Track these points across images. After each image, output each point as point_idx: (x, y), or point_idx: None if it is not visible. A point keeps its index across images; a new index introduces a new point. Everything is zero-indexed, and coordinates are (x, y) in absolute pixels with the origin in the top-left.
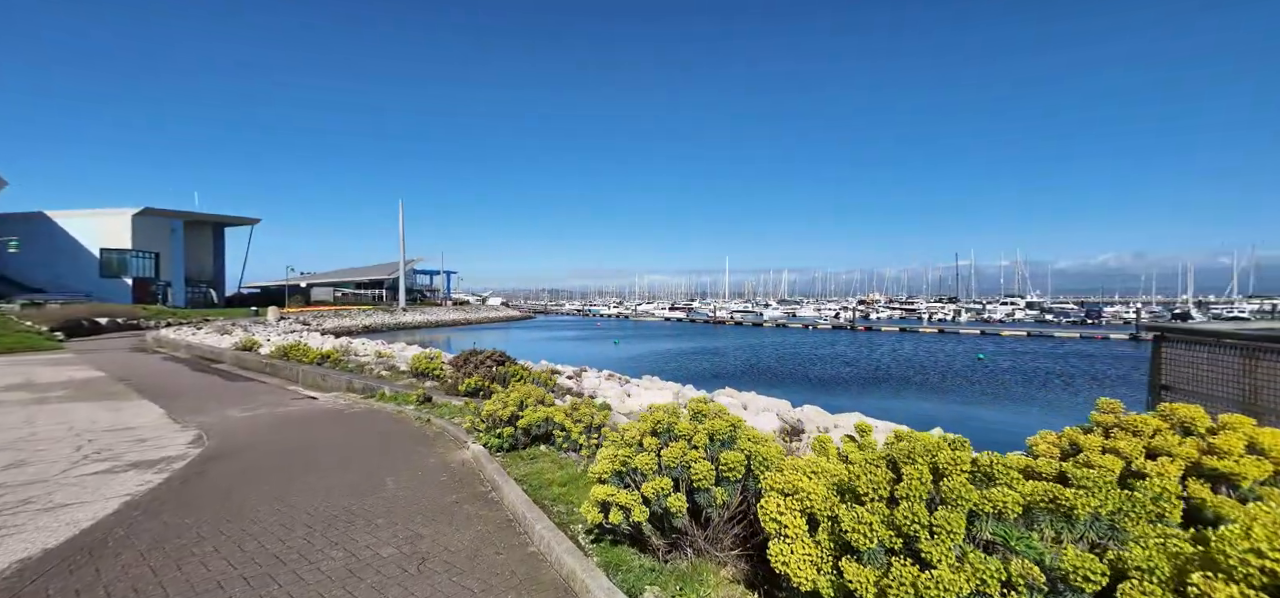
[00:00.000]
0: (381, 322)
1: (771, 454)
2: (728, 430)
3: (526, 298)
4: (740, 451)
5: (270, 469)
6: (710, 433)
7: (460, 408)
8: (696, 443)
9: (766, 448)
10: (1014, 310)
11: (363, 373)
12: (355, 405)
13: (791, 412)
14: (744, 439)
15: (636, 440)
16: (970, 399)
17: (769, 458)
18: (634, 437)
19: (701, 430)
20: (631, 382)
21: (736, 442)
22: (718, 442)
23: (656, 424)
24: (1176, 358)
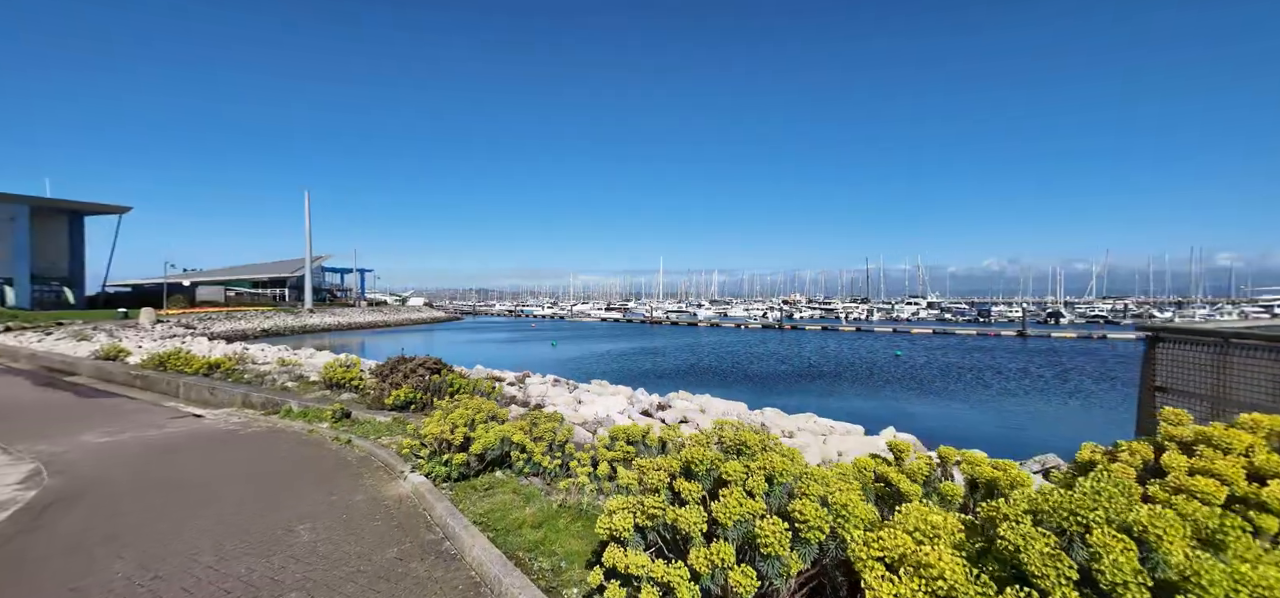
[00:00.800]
0: (284, 325)
1: (856, 506)
2: (788, 468)
3: (452, 298)
4: (814, 499)
5: (135, 517)
6: (769, 475)
7: (388, 425)
8: (752, 489)
9: (848, 496)
10: (918, 310)
11: (263, 384)
12: (253, 424)
13: (752, 415)
14: (812, 481)
15: (664, 483)
16: (909, 396)
17: (853, 510)
18: (658, 480)
19: (757, 472)
20: (581, 387)
21: (808, 489)
22: (779, 487)
23: (691, 464)
24: (1173, 359)
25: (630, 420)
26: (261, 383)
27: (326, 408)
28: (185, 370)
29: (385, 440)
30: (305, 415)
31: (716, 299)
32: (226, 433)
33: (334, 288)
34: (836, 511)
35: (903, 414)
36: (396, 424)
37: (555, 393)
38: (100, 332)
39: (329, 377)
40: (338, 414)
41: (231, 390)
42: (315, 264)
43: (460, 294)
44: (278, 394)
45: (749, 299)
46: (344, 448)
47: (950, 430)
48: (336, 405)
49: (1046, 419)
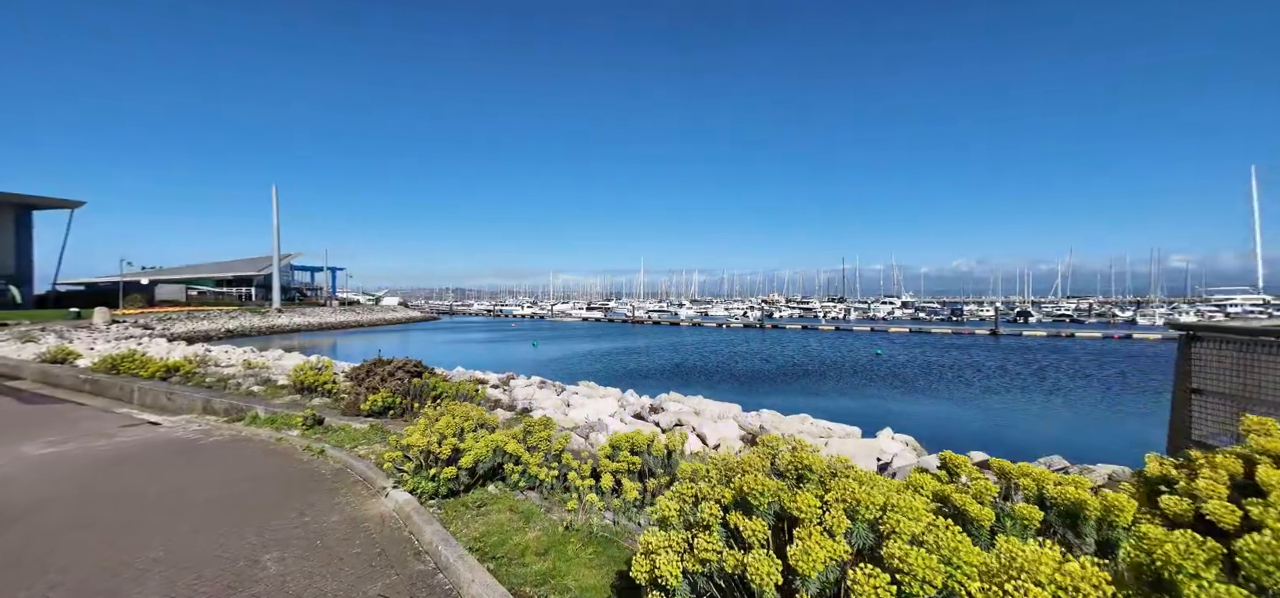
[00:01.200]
0: (250, 325)
1: (965, 550)
2: (871, 499)
3: (428, 298)
4: (904, 537)
5: (74, 546)
6: (850, 509)
7: (365, 433)
8: (832, 528)
9: (952, 539)
10: (893, 309)
11: (226, 389)
12: (215, 432)
13: (749, 418)
14: (902, 516)
15: (716, 518)
16: (895, 395)
17: (964, 555)
18: (710, 514)
19: (835, 506)
20: (568, 390)
21: (897, 525)
22: (862, 523)
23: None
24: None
25: (623, 424)
26: (225, 387)
27: (296, 414)
28: (140, 374)
29: (362, 450)
30: (273, 422)
31: (697, 299)
32: (184, 443)
33: (303, 287)
34: (941, 555)
35: (892, 414)
36: (374, 432)
37: (542, 396)
38: (49, 333)
39: (299, 380)
40: (309, 421)
41: (191, 395)
42: (284, 262)
43: (437, 294)
44: (242, 399)
45: (729, 299)
46: (316, 459)
47: (944, 431)
48: (308, 411)
49: (1034, 417)
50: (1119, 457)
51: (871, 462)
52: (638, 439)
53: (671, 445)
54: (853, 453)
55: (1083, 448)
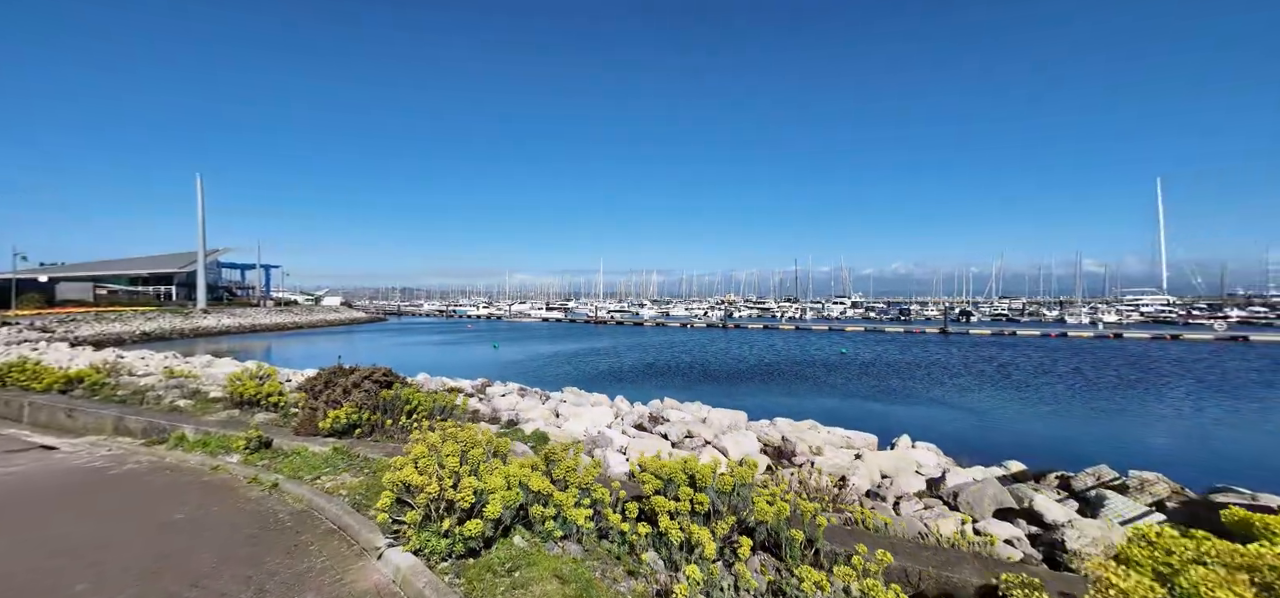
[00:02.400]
0: (171, 327)
1: None
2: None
3: (373, 297)
4: None
5: None
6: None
7: (328, 459)
8: None
9: None
10: (845, 310)
11: (144, 403)
12: (130, 458)
13: (764, 428)
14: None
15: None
16: (880, 396)
17: None
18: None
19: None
20: (554, 397)
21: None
22: None
23: None
24: None
25: (625, 436)
26: (142, 401)
27: (236, 435)
28: (33, 386)
29: (327, 482)
30: (206, 445)
31: (657, 299)
32: (89, 474)
33: (233, 286)
34: None
35: (891, 416)
36: (339, 457)
37: (527, 405)
38: None
39: (236, 392)
40: (253, 444)
41: (99, 412)
42: (210, 258)
43: (382, 294)
44: (165, 415)
45: (687, 299)
46: (268, 496)
47: (954, 434)
48: (251, 431)
49: (1019, 418)
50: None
51: (915, 478)
52: (698, 470)
53: (743, 478)
54: (892, 467)
55: (1130, 454)
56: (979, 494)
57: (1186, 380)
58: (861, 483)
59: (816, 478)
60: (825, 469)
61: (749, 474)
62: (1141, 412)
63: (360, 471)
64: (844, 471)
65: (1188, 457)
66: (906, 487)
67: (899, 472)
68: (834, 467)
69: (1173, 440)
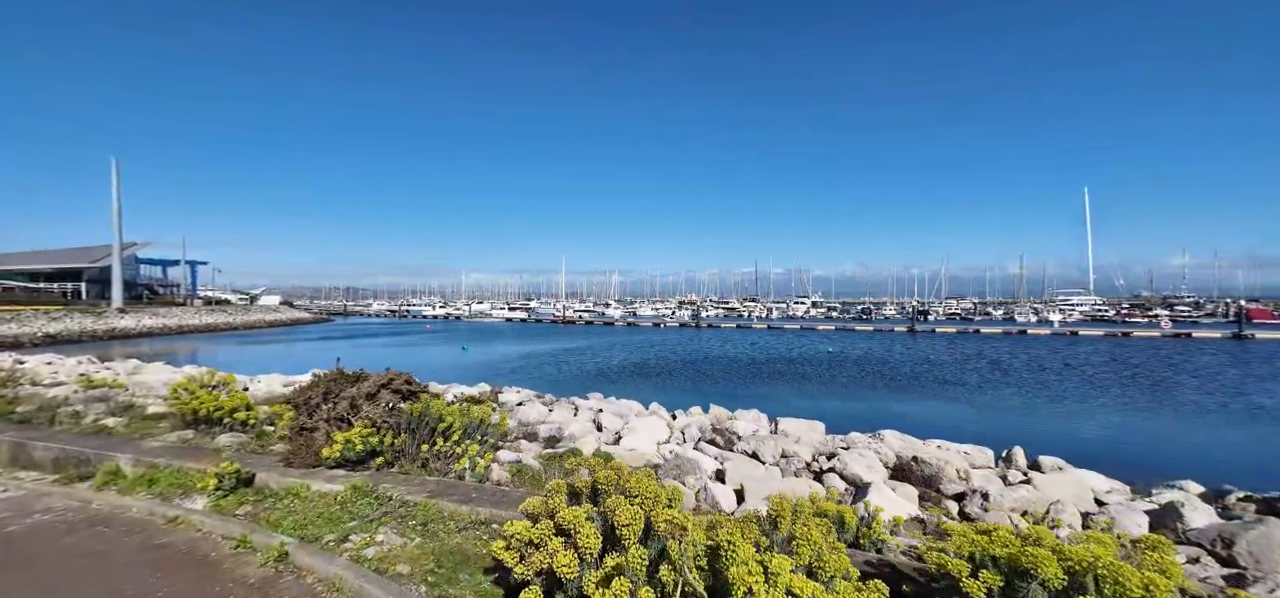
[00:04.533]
0: (81, 328)
1: None
2: None
3: (314, 297)
4: None
5: None
6: None
7: (345, 504)
8: None
9: None
10: (808, 309)
11: (56, 423)
12: (38, 504)
13: (877, 444)
14: None
15: None
16: (902, 396)
17: None
18: None
19: None
20: (585, 406)
21: None
22: None
23: None
24: None
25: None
26: (52, 418)
27: (197, 467)
28: None
29: (364, 546)
30: (154, 483)
31: (622, 299)
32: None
33: (154, 282)
34: None
35: (935, 420)
36: (361, 499)
37: (560, 417)
38: None
39: (186, 406)
40: (227, 481)
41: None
42: (127, 252)
43: (324, 294)
44: (88, 439)
45: (650, 299)
46: (277, 576)
47: (1044, 442)
48: (224, 464)
49: (1085, 423)
50: None
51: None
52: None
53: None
54: (1070, 495)
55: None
56: (1265, 543)
57: (1200, 378)
58: (1074, 522)
59: (1002, 516)
60: (1006, 505)
61: (1107, 553)
62: (1222, 413)
63: (405, 523)
64: (1029, 505)
65: None
66: (1126, 523)
67: (1079, 502)
68: (1019, 501)
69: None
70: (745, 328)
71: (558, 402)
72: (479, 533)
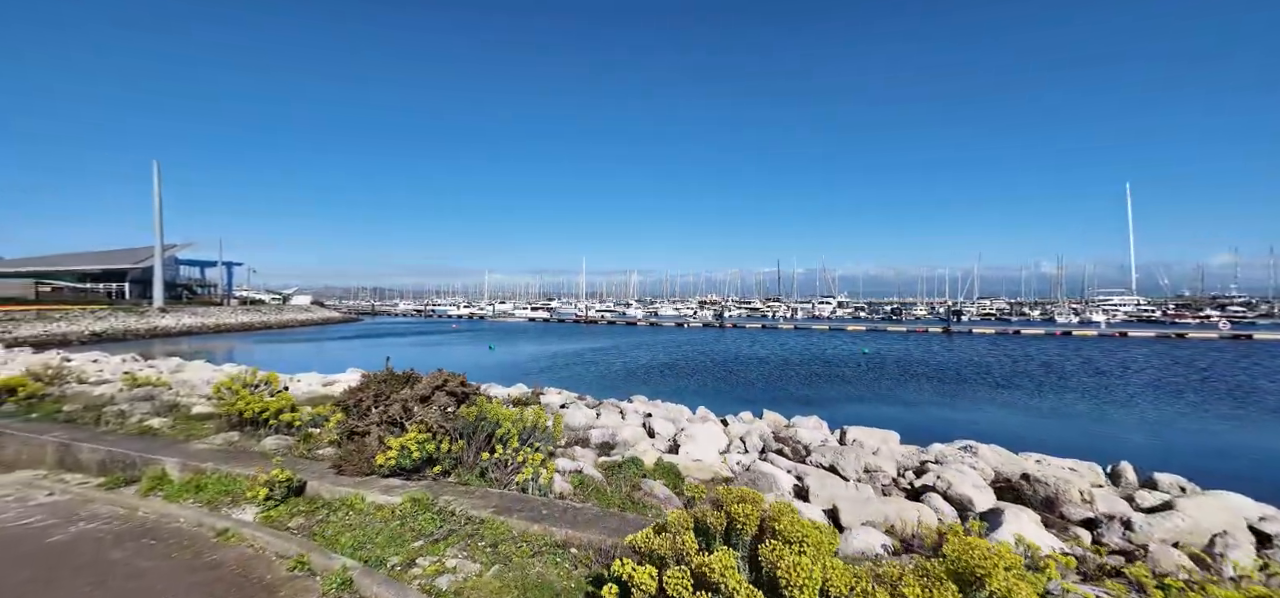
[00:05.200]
0: (124, 327)
1: None
2: None
3: (343, 297)
4: None
5: None
6: None
7: (405, 518)
8: None
9: None
10: (833, 309)
11: (102, 422)
12: (82, 512)
13: (975, 459)
14: None
15: None
16: (967, 401)
17: None
18: None
19: None
20: (631, 408)
21: None
22: None
23: None
24: None
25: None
26: (99, 418)
27: (245, 473)
28: None
29: (435, 571)
30: (201, 490)
31: (642, 299)
32: (13, 541)
33: (193, 283)
34: None
35: (1001, 426)
36: (422, 513)
37: (610, 422)
38: None
39: (232, 408)
40: (278, 489)
41: (35, 436)
42: (168, 253)
43: (352, 294)
44: (134, 441)
45: (669, 299)
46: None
47: (1142, 455)
48: (276, 472)
49: (1125, 424)
50: None
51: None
52: None
53: None
54: (1222, 523)
55: None
56: None
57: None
58: (1240, 557)
59: (1155, 550)
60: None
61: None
62: None
63: (473, 544)
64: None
65: None
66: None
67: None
68: (1170, 532)
69: None
70: (771, 328)
71: (602, 404)
72: (558, 559)
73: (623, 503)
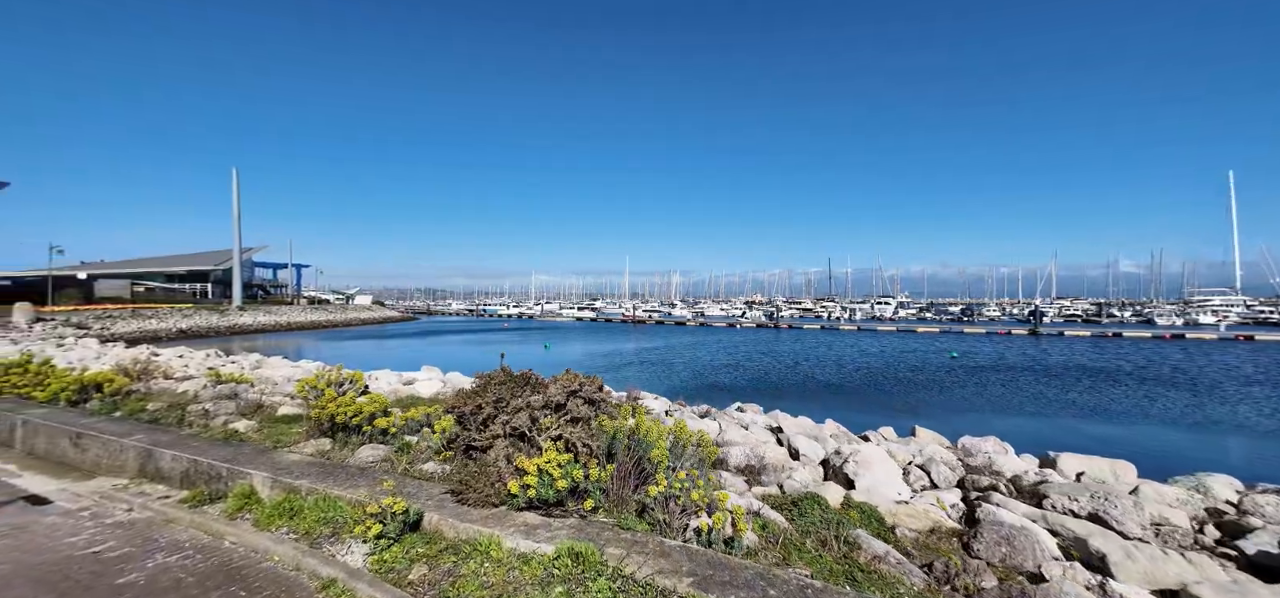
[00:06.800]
0: (207, 325)
1: None
2: None
3: (399, 298)
4: None
5: None
6: None
7: (564, 575)
8: None
9: None
10: (895, 310)
11: (185, 423)
12: (164, 537)
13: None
14: None
15: None
16: (1104, 415)
17: None
18: None
19: None
20: (749, 418)
21: None
22: None
23: None
24: None
25: (1023, 526)
26: (182, 419)
27: (347, 495)
28: (34, 396)
29: None
30: (295, 516)
31: (685, 299)
32: (85, 576)
33: (266, 284)
34: None
35: (1184, 449)
36: (583, 571)
37: (737, 437)
38: None
39: (323, 413)
40: (392, 523)
41: (118, 439)
42: (245, 256)
43: (406, 294)
44: (219, 448)
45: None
46: None
47: None
48: (390, 500)
49: None
50: None
51: None
52: None
53: None
54: None
55: None
56: None
57: None
58: None
59: None
60: None
61: None
62: None
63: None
64: None
65: None
66: None
67: None
68: None
69: None
70: (831, 330)
71: (720, 415)
72: None
73: (843, 568)
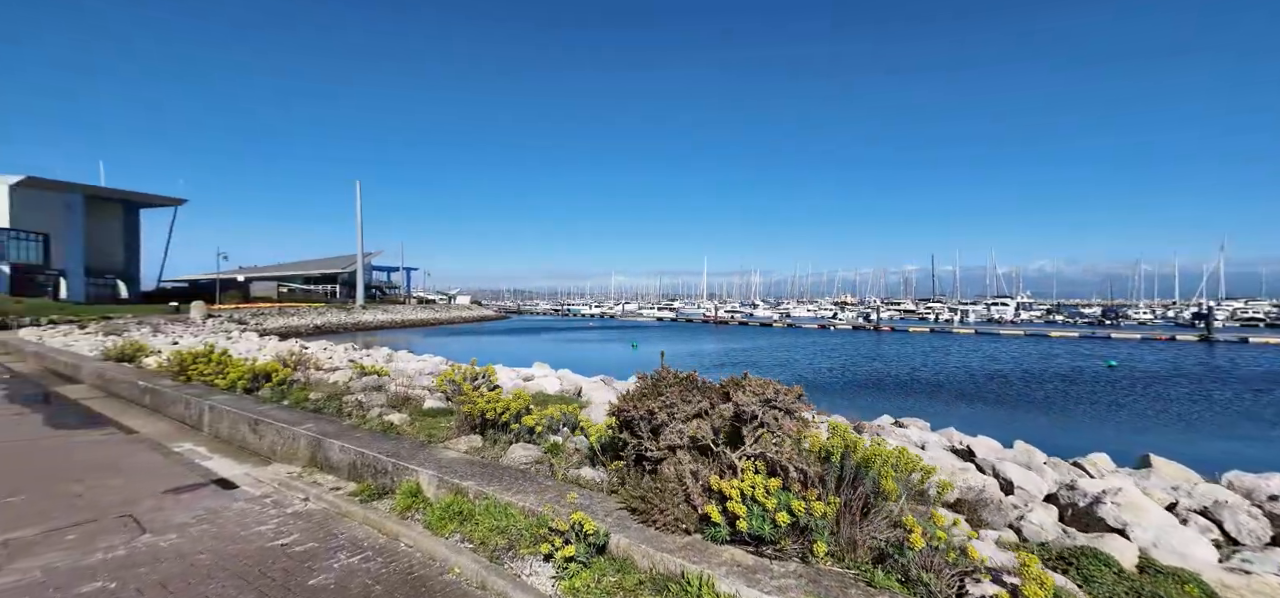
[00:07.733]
0: (337, 321)
1: None
2: None
3: (491, 297)
4: None
5: None
6: None
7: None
8: None
9: None
10: (1015, 311)
11: (342, 413)
12: (343, 534)
13: None
14: None
15: None
16: None
17: None
18: None
19: None
20: (952, 445)
21: None
22: None
23: None
24: None
25: None
26: (339, 408)
27: (520, 505)
28: (216, 383)
29: None
30: (467, 522)
31: (767, 299)
32: (277, 570)
33: (382, 285)
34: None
35: None
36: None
37: (936, 457)
38: (144, 326)
39: (468, 405)
40: (581, 545)
41: (290, 428)
42: (366, 260)
43: (499, 294)
44: (379, 441)
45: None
46: None
47: None
48: (578, 516)
49: None
50: None
51: None
52: None
53: None
54: None
55: None
56: None
57: None
58: None
59: None
60: None
61: None
62: None
63: None
64: None
65: None
66: None
67: None
68: None
69: None
70: (942, 333)
71: (866, 427)
72: None
73: None
